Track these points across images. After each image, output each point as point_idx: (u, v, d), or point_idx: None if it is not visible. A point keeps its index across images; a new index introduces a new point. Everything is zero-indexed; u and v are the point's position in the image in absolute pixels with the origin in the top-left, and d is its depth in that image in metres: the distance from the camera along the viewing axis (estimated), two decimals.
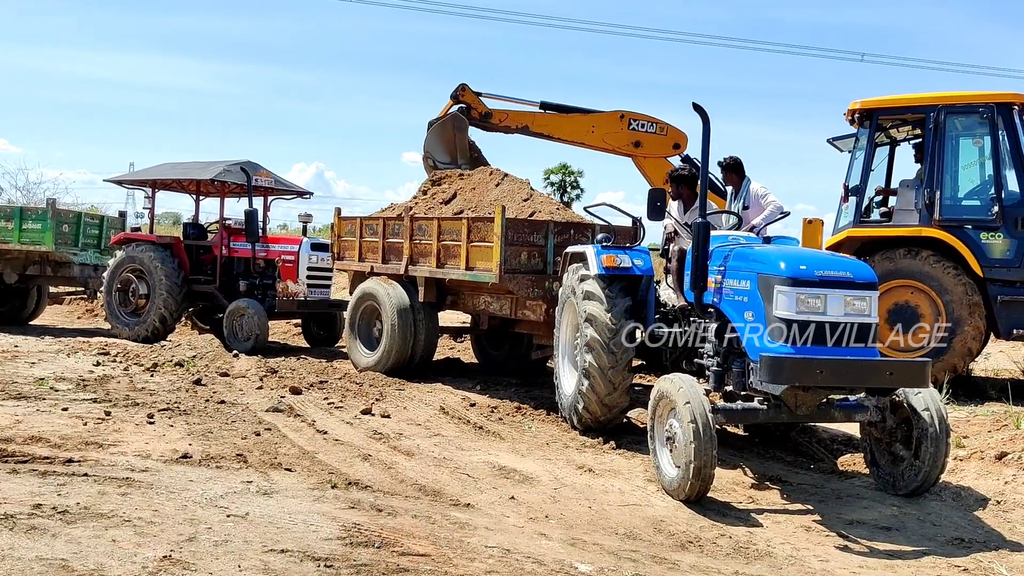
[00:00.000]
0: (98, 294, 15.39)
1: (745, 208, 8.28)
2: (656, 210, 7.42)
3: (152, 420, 7.69)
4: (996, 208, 10.12)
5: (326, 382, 10.05)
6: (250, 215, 13.50)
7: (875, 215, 11.30)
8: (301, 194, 15.41)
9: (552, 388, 9.06)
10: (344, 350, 12.86)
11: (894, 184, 11.66)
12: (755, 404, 6.41)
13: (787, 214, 8.34)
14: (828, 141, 12.13)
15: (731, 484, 6.70)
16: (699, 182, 7.11)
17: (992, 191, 10.27)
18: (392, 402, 9.22)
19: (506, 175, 11.34)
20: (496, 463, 6.93)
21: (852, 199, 10.96)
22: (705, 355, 7.02)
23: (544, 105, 12.80)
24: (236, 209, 16.14)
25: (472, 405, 9.20)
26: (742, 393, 6.57)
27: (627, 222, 9.27)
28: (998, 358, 13.19)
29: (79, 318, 18.06)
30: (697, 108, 6.82)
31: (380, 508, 5.54)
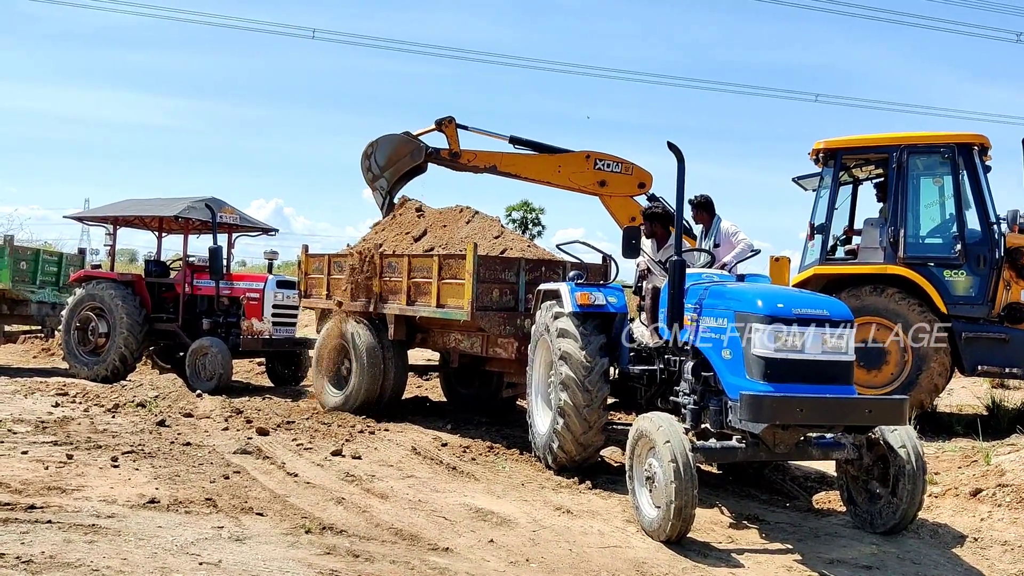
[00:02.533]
0: (56, 333, 15.06)
1: (716, 246, 8.33)
2: (631, 248, 7.41)
3: (116, 463, 7.47)
4: (959, 246, 10.31)
5: (293, 422, 9.87)
6: (214, 252, 13.33)
7: (840, 253, 11.45)
8: (266, 231, 15.26)
9: (524, 427, 8.98)
10: (310, 389, 12.68)
11: (858, 222, 11.84)
12: (733, 443, 6.38)
13: (757, 252, 8.41)
14: (793, 180, 12.30)
15: (709, 524, 6.65)
16: (673, 220, 7.12)
17: (954, 229, 10.45)
18: (362, 443, 9.06)
19: (476, 212, 11.31)
20: (472, 505, 6.82)
21: (818, 237, 11.10)
22: (681, 393, 6.98)
23: (513, 140, 12.70)
24: (198, 246, 15.93)
25: (444, 445, 9.09)
26: (719, 431, 6.52)
27: (598, 259, 9.29)
28: (961, 394, 13.38)
29: (35, 357, 17.59)
30: (672, 147, 6.86)
31: (357, 554, 5.40)
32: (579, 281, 8.23)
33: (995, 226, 10.40)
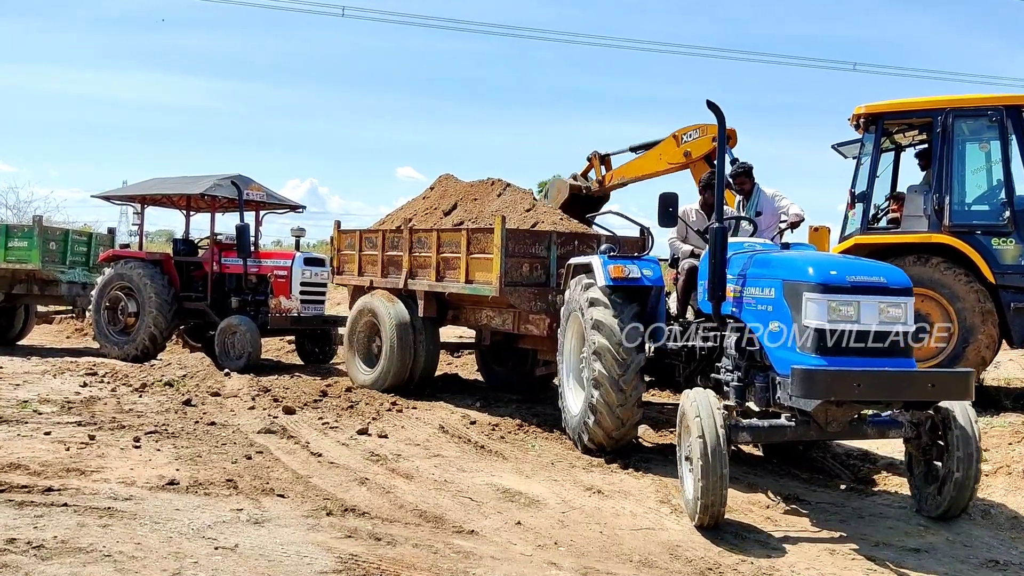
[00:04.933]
0: (87, 313, 15.05)
1: (758, 214, 7.93)
2: (667, 215, 6.95)
3: (138, 444, 7.35)
4: (1007, 213, 9.86)
5: (320, 401, 9.72)
6: (241, 230, 13.18)
7: (883, 222, 11.04)
8: (293, 208, 15.09)
9: (555, 403, 8.73)
10: (340, 367, 12.56)
11: (900, 190, 11.40)
12: (782, 421, 5.93)
13: (802, 220, 8.03)
14: (833, 147, 11.87)
15: (747, 504, 6.37)
16: (716, 184, 6.62)
17: (1003, 195, 9.99)
18: (389, 421, 8.88)
19: (508, 185, 11.00)
20: (500, 485, 6.60)
21: (859, 206, 10.70)
22: (723, 369, 6.59)
23: (632, 149, 13.30)
24: (227, 224, 15.81)
25: (472, 423, 8.88)
26: (768, 409, 6.10)
27: (630, 232, 8.97)
28: (1008, 367, 12.93)
29: (68, 337, 17.69)
30: (711, 106, 6.37)
31: (379, 537, 5.20)
32: (612, 254, 7.82)
33: None
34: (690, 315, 7.41)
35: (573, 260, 8.40)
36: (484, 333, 10.78)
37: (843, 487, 7.11)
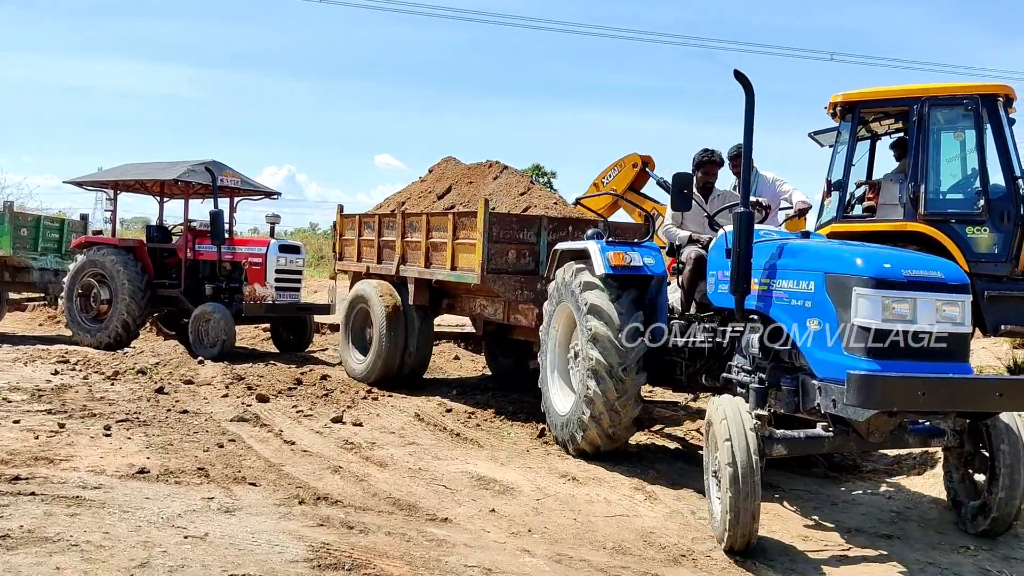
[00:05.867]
0: (59, 300, 14.86)
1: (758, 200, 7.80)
2: (682, 199, 6.34)
3: (109, 432, 7.25)
4: (982, 202, 9.89)
5: (295, 389, 9.65)
6: (215, 216, 13.03)
7: (857, 210, 11.07)
8: (269, 194, 14.92)
9: (531, 392, 8.66)
10: (317, 355, 12.51)
11: (876, 179, 11.45)
12: (819, 431, 5.38)
13: (810, 207, 7.95)
14: (809, 135, 11.88)
15: None
16: (743, 164, 5.87)
17: (977, 184, 10.03)
18: (365, 409, 8.83)
19: (505, 167, 10.70)
20: (474, 473, 6.57)
21: (835, 194, 10.72)
22: (738, 369, 6.05)
23: (576, 201, 12.71)
24: (202, 211, 15.65)
25: (448, 411, 8.85)
26: (792, 415, 5.68)
27: (615, 217, 8.88)
28: (981, 355, 13.01)
29: (40, 325, 17.45)
30: (739, 77, 5.61)
31: (351, 525, 5.16)
32: (610, 240, 7.25)
33: (1020, 181, 10.00)
34: (693, 308, 6.94)
35: (561, 246, 7.89)
36: (478, 323, 10.48)
37: (817, 474, 7.13)
